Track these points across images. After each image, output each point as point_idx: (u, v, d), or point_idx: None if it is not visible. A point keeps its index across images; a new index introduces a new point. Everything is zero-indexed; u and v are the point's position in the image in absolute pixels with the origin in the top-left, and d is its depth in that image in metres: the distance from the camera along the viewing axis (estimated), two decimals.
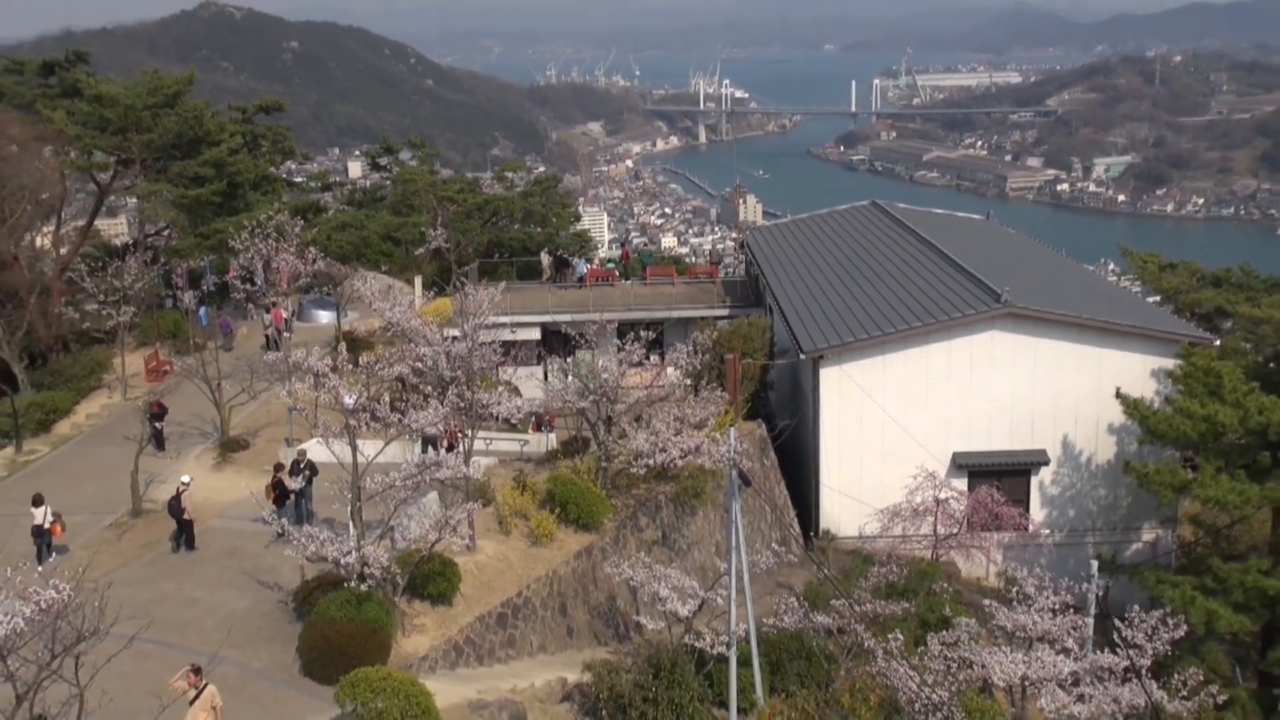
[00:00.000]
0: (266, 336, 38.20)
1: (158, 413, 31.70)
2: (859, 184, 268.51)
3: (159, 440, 31.54)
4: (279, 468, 26.29)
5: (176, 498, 25.12)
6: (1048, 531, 34.32)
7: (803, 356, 33.80)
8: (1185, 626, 24.83)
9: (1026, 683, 23.82)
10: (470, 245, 52.07)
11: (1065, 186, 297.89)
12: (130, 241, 51.08)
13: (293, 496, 25.74)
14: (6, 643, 13.77)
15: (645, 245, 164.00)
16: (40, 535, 24.98)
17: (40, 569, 24.60)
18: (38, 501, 25.13)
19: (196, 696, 16.80)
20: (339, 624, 20.12)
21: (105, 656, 15.25)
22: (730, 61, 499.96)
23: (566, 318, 42.56)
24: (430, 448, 27.57)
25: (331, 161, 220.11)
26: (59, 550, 25.62)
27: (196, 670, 17.15)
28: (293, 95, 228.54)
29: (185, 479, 25.97)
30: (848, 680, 23.15)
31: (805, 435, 35.11)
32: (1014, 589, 26.60)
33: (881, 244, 44.39)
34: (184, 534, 25.40)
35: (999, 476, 33.67)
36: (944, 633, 24.04)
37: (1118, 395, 32.28)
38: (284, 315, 39.34)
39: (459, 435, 27.56)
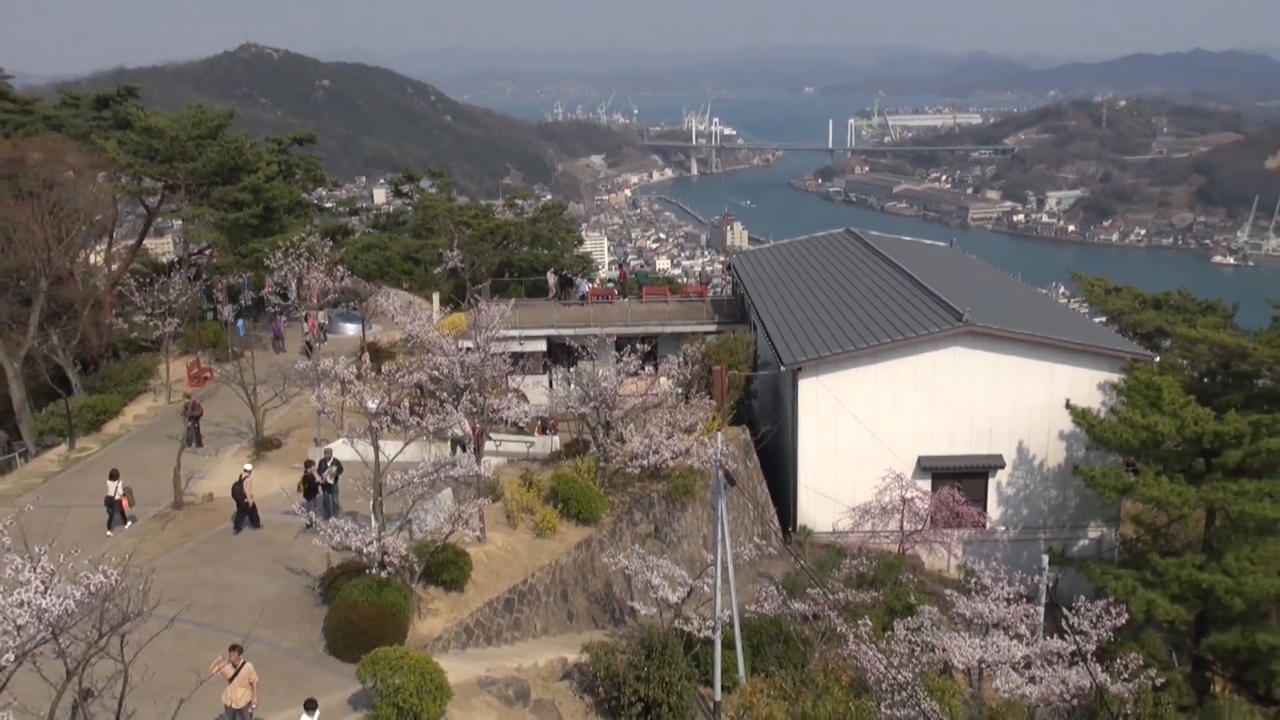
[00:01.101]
0: (306, 343, 38.51)
1: (196, 414, 31.78)
2: (835, 213, 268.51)
3: (197, 437, 31.62)
4: (309, 464, 26.30)
5: (239, 483, 25.68)
6: (1003, 528, 34.29)
7: (783, 368, 33.80)
8: (1127, 615, 24.86)
9: (983, 665, 23.81)
10: (483, 265, 52.12)
11: (1021, 217, 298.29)
12: (175, 259, 51.08)
13: (320, 491, 25.75)
14: (59, 622, 13.73)
15: (642, 267, 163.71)
16: (112, 505, 25.83)
17: (110, 533, 25.55)
18: (114, 476, 26.01)
19: (236, 673, 16.79)
20: (361, 607, 20.10)
21: (148, 636, 15.23)
22: (720, 102, 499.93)
23: (570, 331, 42.55)
24: (459, 448, 27.58)
25: (358, 189, 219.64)
26: (130, 519, 26.32)
27: (238, 649, 17.14)
28: (324, 129, 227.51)
29: (247, 466, 26.64)
30: (821, 662, 23.16)
31: (785, 440, 35.10)
32: (972, 580, 26.61)
33: (855, 268, 44.44)
34: (246, 515, 25.82)
35: (960, 478, 33.67)
36: (909, 619, 24.02)
37: (1067, 406, 32.32)
38: (317, 324, 39.64)
39: (484, 437, 27.72)
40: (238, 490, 25.60)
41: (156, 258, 57.09)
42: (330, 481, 25.93)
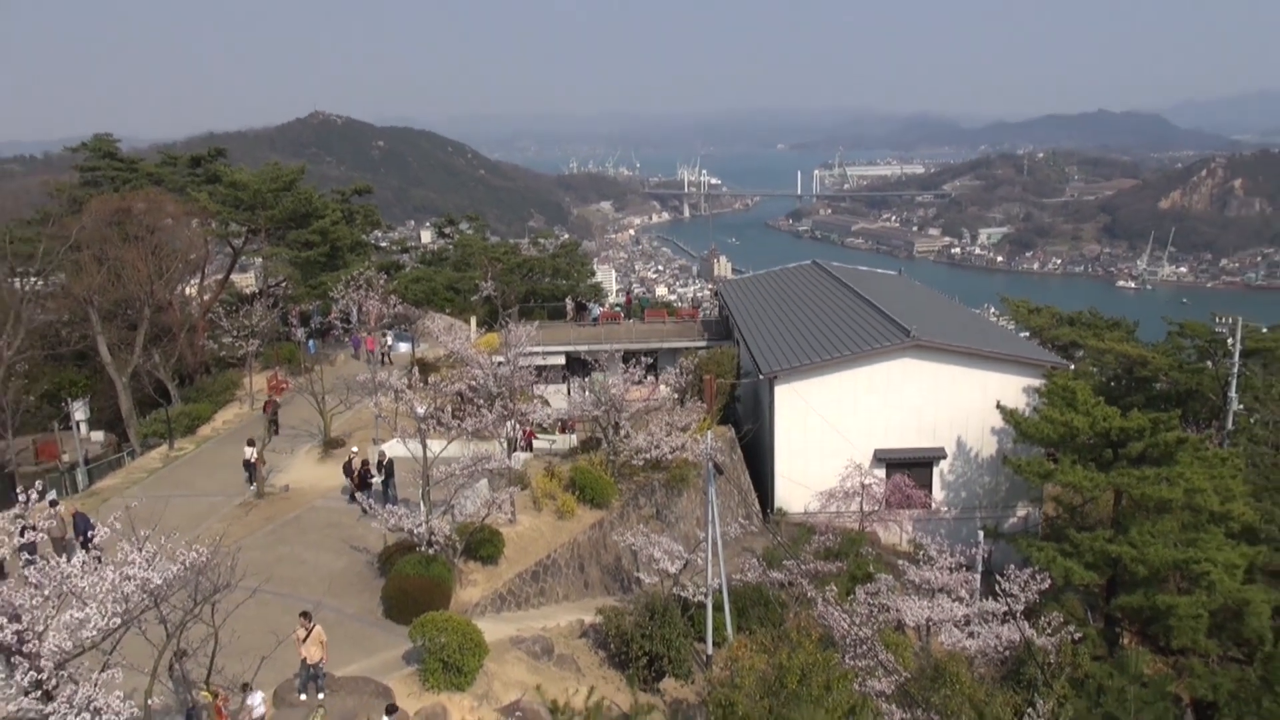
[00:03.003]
0: (378, 355, 39.03)
1: (273, 415, 31.97)
2: (803, 248, 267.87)
3: (274, 428, 31.94)
4: (365, 462, 26.26)
5: (349, 462, 25.91)
6: (946, 508, 34.19)
7: (762, 377, 33.77)
8: (1049, 580, 24.78)
9: (930, 623, 23.73)
10: (512, 293, 52.08)
11: (958, 250, 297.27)
12: (256, 291, 51.16)
13: (375, 483, 25.69)
14: (160, 593, 13.70)
15: (644, 294, 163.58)
16: (248, 467, 26.54)
17: (252, 489, 26.30)
18: (250, 443, 26.57)
19: (307, 635, 16.75)
20: (412, 579, 20.09)
21: (235, 604, 15.21)
22: (707, 156, 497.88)
23: (585, 348, 42.50)
24: (512, 446, 27.62)
25: (408, 231, 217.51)
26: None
27: (307, 615, 17.10)
28: (379, 181, 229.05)
29: (354, 449, 26.93)
30: (795, 621, 23.05)
31: (763, 436, 35.03)
32: (921, 552, 26.55)
33: (821, 293, 44.40)
34: (359, 487, 25.91)
35: (909, 467, 33.55)
36: (868, 585, 23.98)
37: (998, 406, 32.26)
38: (378, 343, 40.03)
39: (533, 437, 27.85)
40: (348, 469, 25.89)
41: (241, 289, 57.14)
42: (383, 476, 25.85)
